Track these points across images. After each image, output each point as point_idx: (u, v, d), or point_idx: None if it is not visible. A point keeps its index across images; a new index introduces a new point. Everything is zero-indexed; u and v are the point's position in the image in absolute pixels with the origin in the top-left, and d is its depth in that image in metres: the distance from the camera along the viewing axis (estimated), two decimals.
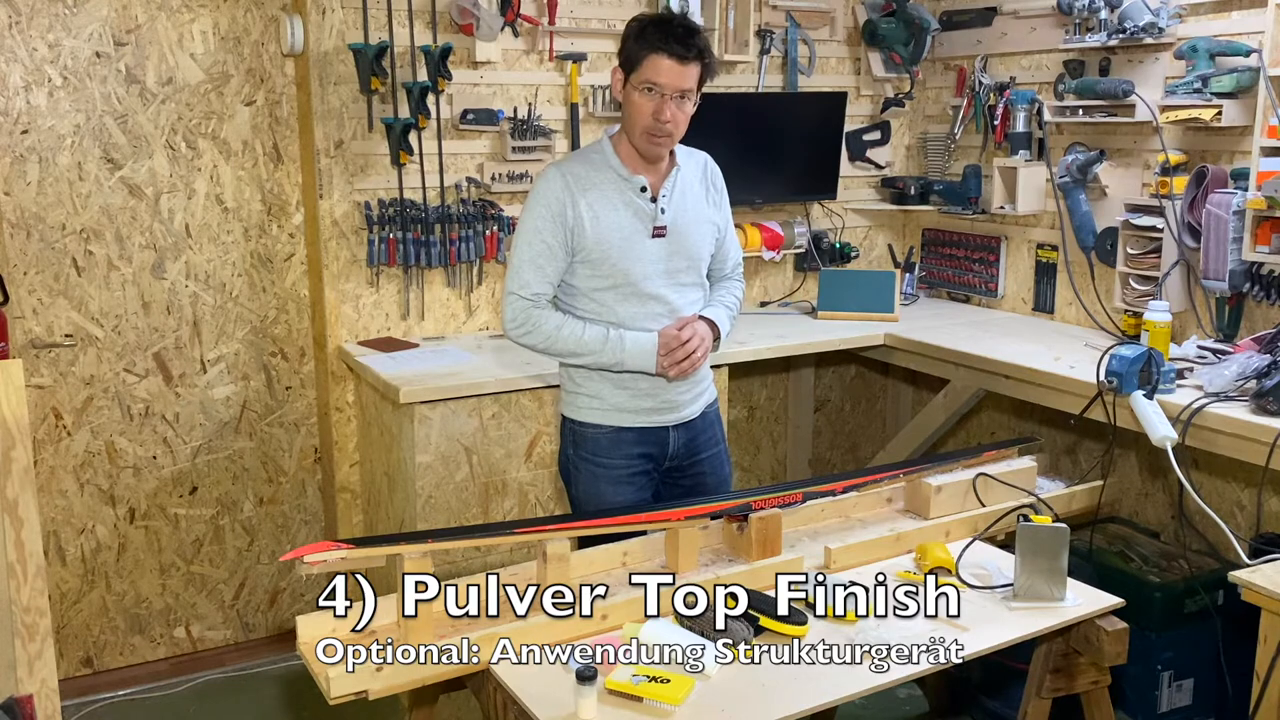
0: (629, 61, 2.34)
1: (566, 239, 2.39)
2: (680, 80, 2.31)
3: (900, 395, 4.52)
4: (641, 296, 2.43)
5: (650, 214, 2.42)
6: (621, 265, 2.40)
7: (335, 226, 3.38)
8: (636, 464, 2.54)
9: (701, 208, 2.51)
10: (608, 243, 2.39)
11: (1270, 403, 2.55)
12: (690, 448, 2.59)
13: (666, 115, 2.31)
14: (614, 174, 2.41)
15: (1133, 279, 3.33)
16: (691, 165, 2.52)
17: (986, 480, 2.63)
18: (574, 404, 2.53)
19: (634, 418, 2.50)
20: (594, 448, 2.52)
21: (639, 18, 2.39)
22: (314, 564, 1.89)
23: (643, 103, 2.32)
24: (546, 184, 2.40)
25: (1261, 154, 2.91)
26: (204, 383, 3.47)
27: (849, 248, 4.18)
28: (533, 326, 2.40)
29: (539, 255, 2.39)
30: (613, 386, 2.48)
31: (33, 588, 1.60)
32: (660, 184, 2.44)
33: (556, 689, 1.86)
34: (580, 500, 2.58)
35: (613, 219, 2.39)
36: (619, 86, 2.38)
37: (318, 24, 3.26)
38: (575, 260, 2.41)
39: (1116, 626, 2.22)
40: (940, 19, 4.00)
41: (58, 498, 3.32)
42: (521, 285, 2.39)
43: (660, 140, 2.36)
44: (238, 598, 3.63)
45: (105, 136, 3.23)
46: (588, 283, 2.43)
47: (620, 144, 2.43)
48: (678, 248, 2.46)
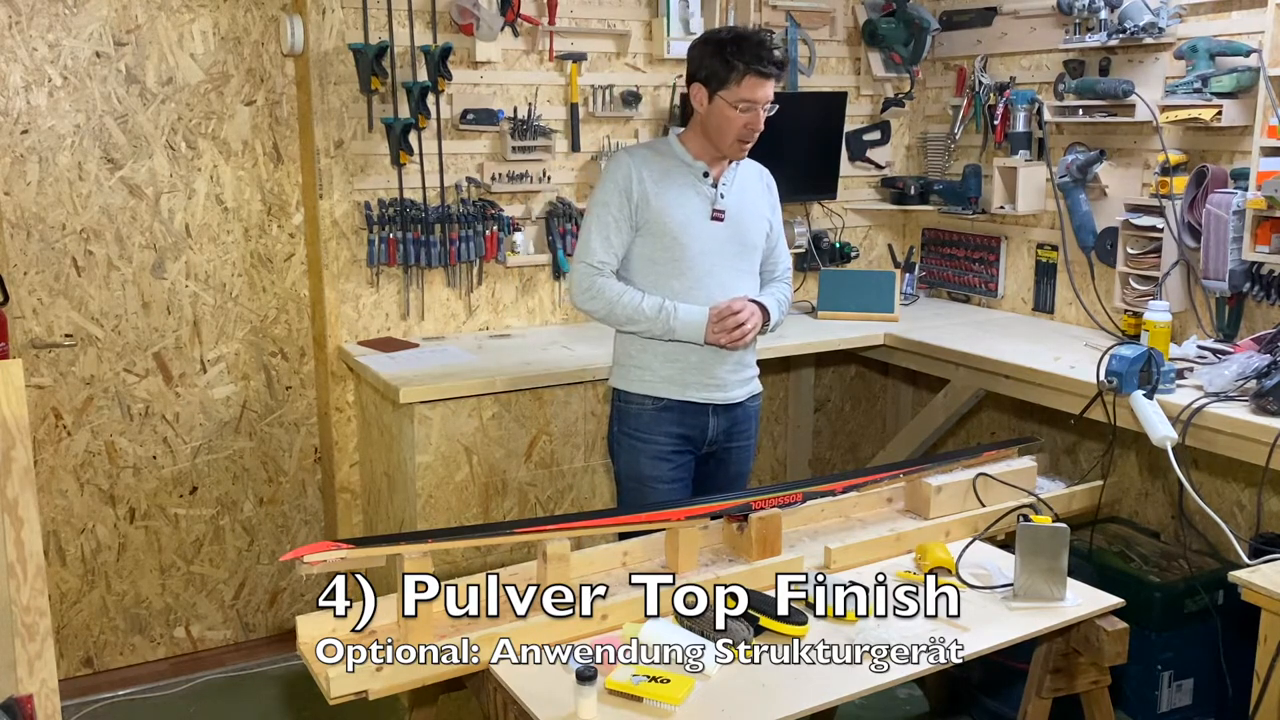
0: (717, 79, 2.50)
1: (631, 213, 2.57)
2: (770, 93, 2.54)
3: (900, 395, 4.52)
4: (697, 273, 2.58)
5: (711, 197, 2.62)
6: (681, 239, 2.57)
7: (335, 226, 3.38)
8: (676, 443, 2.66)
9: (758, 203, 2.72)
10: (669, 216, 2.56)
11: (1270, 403, 2.55)
12: (728, 434, 2.73)
13: (759, 125, 2.55)
14: (678, 160, 2.62)
15: (1133, 279, 3.33)
16: (750, 166, 2.74)
17: (986, 480, 2.63)
18: (624, 376, 2.68)
19: (681, 390, 2.63)
20: (636, 423, 2.66)
21: (716, 34, 2.57)
22: (314, 564, 1.89)
23: (734, 116, 2.53)
24: (615, 163, 2.61)
25: (1261, 154, 2.90)
26: (204, 383, 3.47)
27: (849, 248, 4.18)
28: (597, 293, 2.57)
29: (606, 226, 2.58)
30: (663, 360, 2.62)
31: (33, 588, 1.59)
32: (721, 173, 2.64)
33: (556, 689, 1.86)
34: (622, 475, 2.73)
35: (675, 195, 2.57)
36: (704, 101, 2.53)
37: (318, 24, 3.26)
38: (638, 234, 2.58)
39: (1116, 626, 2.22)
40: (940, 19, 4.00)
41: (58, 498, 3.32)
42: (589, 254, 2.58)
43: (748, 145, 2.60)
44: (238, 598, 3.63)
45: (105, 136, 3.23)
46: (648, 255, 2.59)
47: (688, 141, 2.61)
48: (735, 233, 2.63)
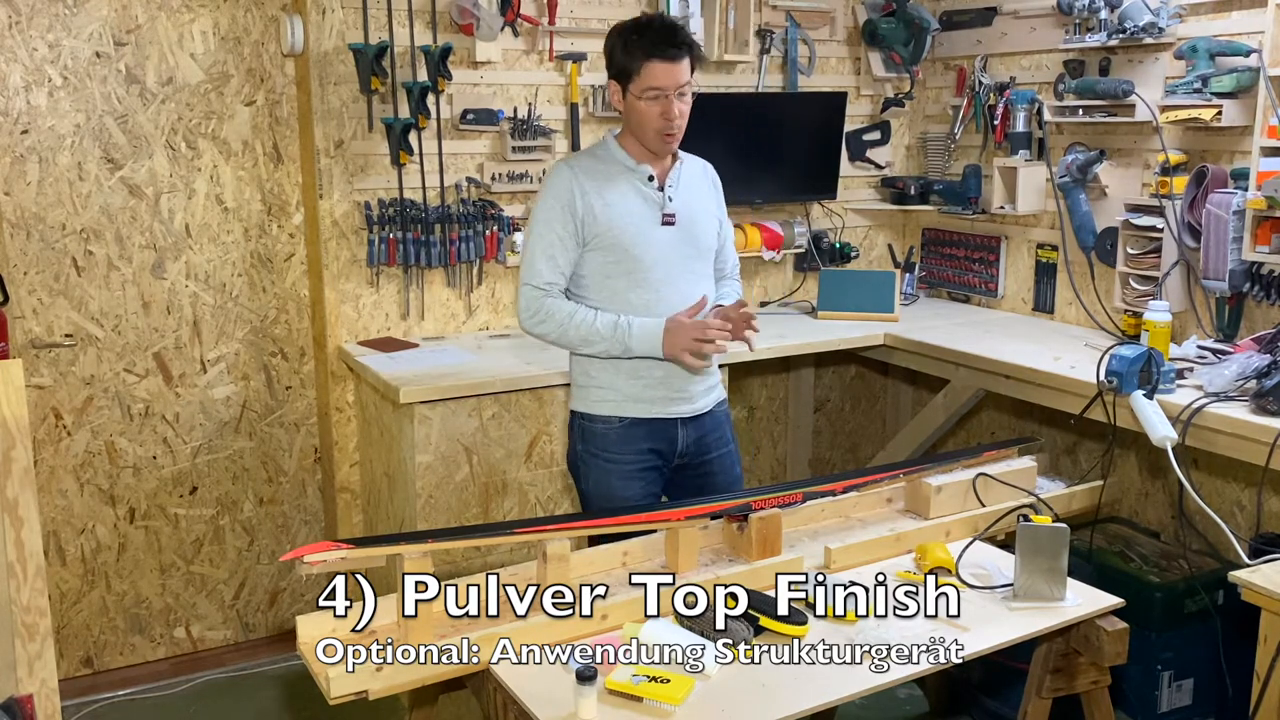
0: (623, 73, 2.42)
1: (577, 229, 2.45)
2: (678, 77, 2.40)
3: (900, 395, 4.52)
4: (652, 283, 2.48)
5: (659, 201, 2.51)
6: (634, 251, 2.47)
7: (335, 226, 3.38)
8: (646, 459, 2.56)
9: (706, 202, 2.61)
10: (619, 228, 2.46)
11: (1270, 403, 2.55)
12: (700, 445, 2.62)
13: (675, 113, 2.41)
14: (621, 165, 2.50)
15: (1133, 279, 3.33)
16: (692, 162, 2.61)
17: (986, 480, 2.63)
18: (585, 397, 2.57)
19: (647, 407, 2.53)
20: (603, 443, 2.55)
21: (617, 29, 2.46)
22: (314, 564, 1.89)
23: (649, 109, 2.41)
24: (556, 177, 2.49)
25: (1261, 154, 2.90)
26: (204, 383, 3.47)
27: (849, 248, 4.18)
28: (546, 315, 2.45)
29: (550, 246, 2.45)
30: (626, 377, 2.51)
31: (33, 588, 1.59)
32: (665, 175, 2.53)
33: (556, 689, 1.86)
34: (590, 496, 2.60)
35: (623, 205, 2.47)
36: (618, 97, 2.46)
37: (318, 24, 3.26)
38: (587, 249, 2.47)
39: (1116, 626, 2.22)
40: (940, 19, 4.00)
41: (58, 498, 3.32)
42: (534, 275, 2.46)
43: (673, 136, 2.46)
44: (238, 598, 3.63)
45: (105, 136, 3.23)
46: (600, 270, 2.48)
47: (625, 142, 2.51)
48: (686, 236, 2.53)
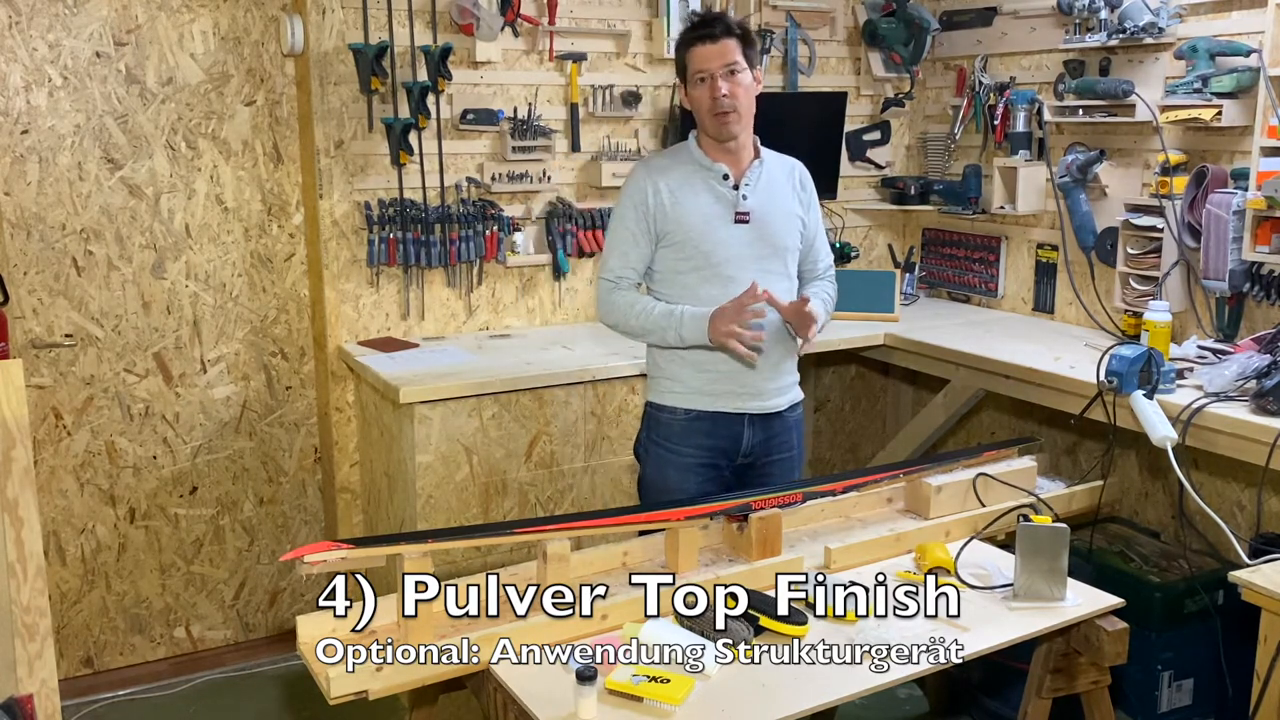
0: (681, 70, 2.52)
1: (650, 225, 2.53)
2: (719, 57, 2.44)
3: (900, 395, 4.52)
4: (724, 279, 2.51)
5: (732, 200, 2.53)
6: (703, 247, 2.51)
7: (335, 226, 3.38)
8: (706, 455, 2.58)
9: (787, 201, 2.61)
10: (689, 224, 2.51)
11: (1270, 403, 2.55)
12: (766, 446, 2.63)
13: (721, 90, 2.43)
14: (696, 164, 2.56)
15: (1133, 279, 3.33)
16: (778, 163, 2.64)
17: (986, 480, 2.63)
18: (656, 388, 2.64)
19: (712, 401, 2.56)
20: (666, 432, 2.60)
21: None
22: (314, 564, 1.89)
23: (699, 94, 2.48)
24: (632, 176, 2.58)
25: (1261, 154, 2.90)
26: (204, 383, 3.47)
27: (849, 248, 4.18)
28: (611, 306, 2.56)
29: (622, 241, 2.55)
30: (693, 370, 2.56)
31: (33, 588, 1.59)
32: (742, 174, 2.55)
33: (556, 689, 1.86)
34: (647, 483, 2.67)
35: (693, 202, 2.52)
36: (684, 95, 2.54)
37: (318, 24, 3.26)
38: (660, 245, 2.55)
39: (1116, 626, 2.22)
40: (940, 19, 3.99)
41: (58, 498, 3.32)
42: (606, 269, 2.58)
43: (728, 116, 2.46)
44: (238, 598, 3.63)
45: (105, 136, 3.23)
46: (671, 266, 2.55)
47: (702, 141, 2.57)
48: (761, 234, 2.55)
